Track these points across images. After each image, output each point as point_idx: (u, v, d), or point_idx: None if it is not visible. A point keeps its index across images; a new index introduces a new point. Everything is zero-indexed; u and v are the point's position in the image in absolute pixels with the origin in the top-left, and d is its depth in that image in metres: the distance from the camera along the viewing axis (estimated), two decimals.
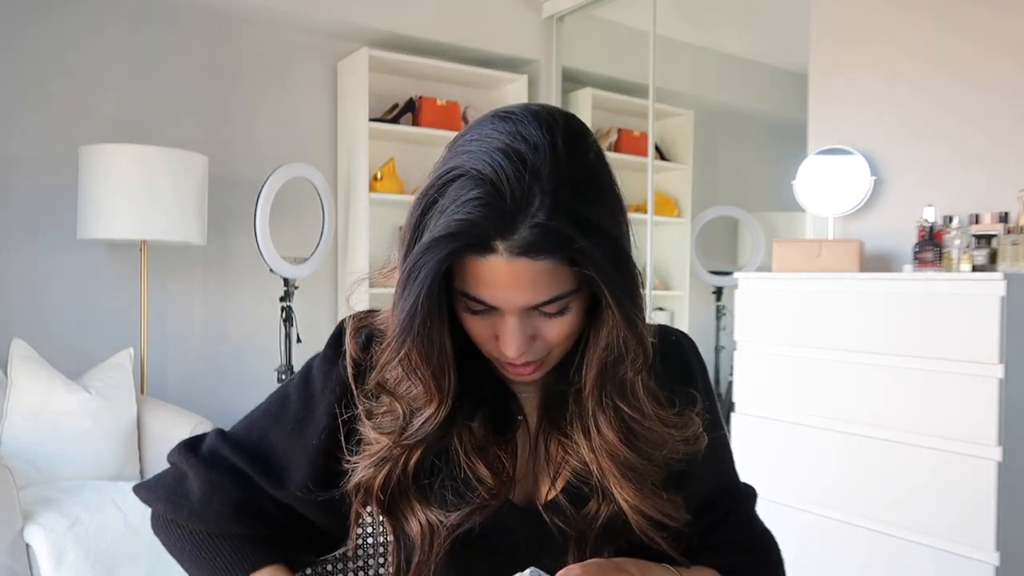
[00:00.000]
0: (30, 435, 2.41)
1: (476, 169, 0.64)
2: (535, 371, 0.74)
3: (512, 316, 0.69)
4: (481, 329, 0.71)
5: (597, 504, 0.76)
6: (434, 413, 0.72)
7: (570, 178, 0.65)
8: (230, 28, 3.29)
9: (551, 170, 0.64)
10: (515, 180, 0.63)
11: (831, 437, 2.08)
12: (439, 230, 0.64)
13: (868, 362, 2.01)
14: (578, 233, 0.64)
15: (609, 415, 0.73)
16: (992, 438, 1.78)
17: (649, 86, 3.43)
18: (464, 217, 0.63)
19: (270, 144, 3.38)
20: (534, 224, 0.63)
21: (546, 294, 0.67)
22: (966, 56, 2.27)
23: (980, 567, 1.79)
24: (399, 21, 3.40)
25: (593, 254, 0.64)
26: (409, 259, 0.66)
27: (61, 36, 2.93)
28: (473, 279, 0.67)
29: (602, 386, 0.73)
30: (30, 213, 2.88)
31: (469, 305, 0.70)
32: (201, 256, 3.24)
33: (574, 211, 0.64)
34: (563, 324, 0.70)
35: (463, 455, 0.75)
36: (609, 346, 0.70)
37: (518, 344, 0.69)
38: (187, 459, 0.83)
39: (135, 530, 2.21)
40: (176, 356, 3.20)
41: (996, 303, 1.78)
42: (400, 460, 0.74)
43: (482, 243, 0.64)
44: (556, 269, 0.65)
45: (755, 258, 3.49)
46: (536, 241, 0.63)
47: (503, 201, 0.63)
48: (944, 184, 2.30)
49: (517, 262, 0.64)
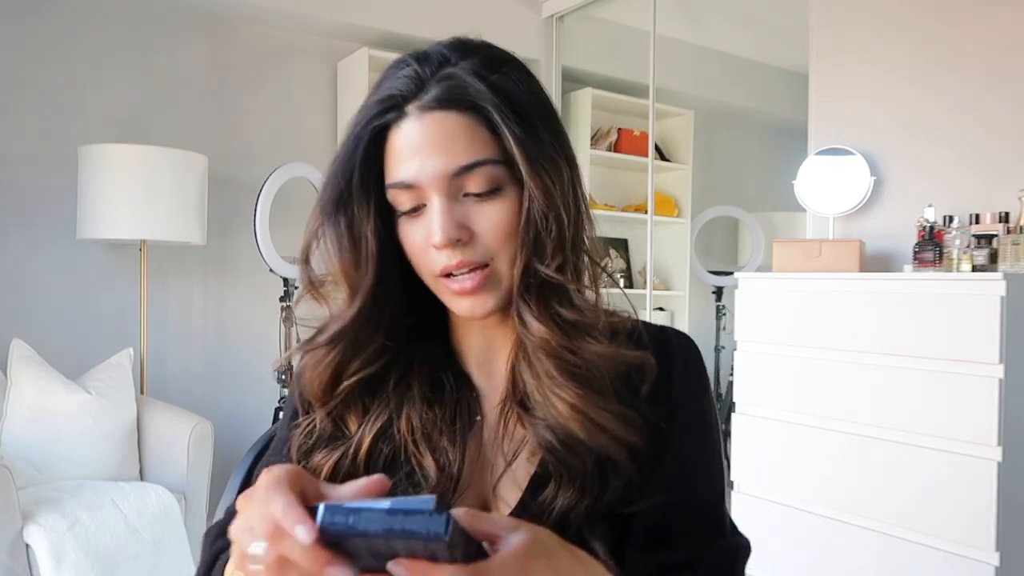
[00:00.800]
0: (30, 435, 2.41)
1: (389, 66, 0.70)
2: (478, 285, 0.67)
3: (435, 195, 0.66)
4: (416, 236, 0.68)
5: (555, 489, 0.66)
6: (347, 311, 0.70)
7: (486, 55, 0.69)
8: (230, 28, 3.29)
9: (462, 48, 0.69)
10: (424, 56, 0.68)
11: (831, 437, 2.08)
12: (356, 118, 0.68)
13: (868, 362, 2.01)
14: (488, 92, 0.65)
15: (541, 308, 0.68)
16: (992, 438, 1.78)
17: (649, 86, 3.42)
18: (378, 97, 0.67)
19: (270, 144, 3.38)
20: (440, 77, 0.66)
21: (463, 157, 0.65)
22: (966, 56, 2.27)
23: (980, 567, 1.79)
24: (399, 21, 3.40)
25: (505, 113, 0.65)
26: (335, 158, 0.69)
27: (61, 36, 2.93)
28: (393, 158, 0.67)
29: (527, 269, 0.67)
30: (30, 213, 2.88)
31: (399, 203, 0.68)
32: (201, 256, 3.24)
33: (485, 73, 0.66)
34: (495, 211, 0.66)
35: (410, 442, 0.70)
36: (529, 221, 0.66)
37: (444, 226, 0.65)
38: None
39: (135, 530, 2.21)
40: (176, 356, 3.20)
41: (996, 303, 1.77)
42: (351, 448, 0.70)
43: (395, 109, 0.66)
44: (471, 130, 0.65)
45: (755, 258, 3.49)
46: (443, 92, 0.65)
47: (413, 72, 0.67)
48: (944, 184, 2.30)
49: (426, 118, 0.65)
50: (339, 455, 0.70)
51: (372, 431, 0.71)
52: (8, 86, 2.84)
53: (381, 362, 0.72)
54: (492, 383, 0.76)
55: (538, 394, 0.69)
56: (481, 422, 0.74)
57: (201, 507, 2.56)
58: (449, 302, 0.71)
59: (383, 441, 0.71)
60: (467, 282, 0.67)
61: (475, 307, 0.69)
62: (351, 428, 0.72)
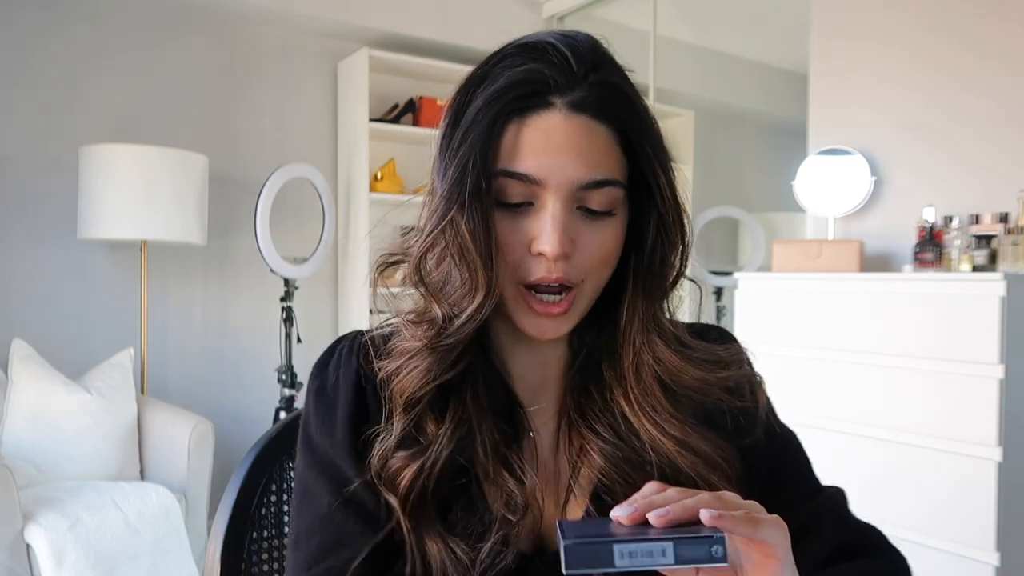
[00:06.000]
0: (30, 435, 2.41)
1: (530, 42, 0.62)
2: (565, 311, 0.64)
3: (556, 200, 0.61)
4: (512, 235, 0.62)
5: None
6: (480, 305, 0.62)
7: (619, 68, 0.65)
8: (230, 28, 3.29)
9: (604, 54, 0.64)
10: (574, 48, 0.62)
11: (831, 437, 2.08)
12: (493, 87, 0.60)
13: (868, 362, 2.01)
14: (637, 112, 0.63)
15: (655, 334, 0.67)
16: (992, 438, 1.78)
17: (649, 86, 3.43)
18: (522, 69, 0.60)
19: (270, 144, 3.38)
20: (596, 81, 0.61)
21: (599, 172, 0.61)
22: (966, 56, 2.27)
23: (980, 567, 1.79)
24: (399, 21, 3.40)
25: (649, 131, 0.64)
26: (459, 127, 0.62)
27: (61, 36, 2.93)
28: (522, 146, 0.60)
29: (649, 298, 0.67)
30: (30, 213, 2.88)
31: (507, 194, 0.62)
32: (201, 256, 3.24)
33: (631, 92, 0.63)
34: (606, 232, 0.63)
35: (483, 455, 0.65)
36: (655, 247, 0.66)
37: (560, 235, 0.60)
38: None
39: (135, 530, 2.22)
40: (176, 356, 3.20)
41: (996, 303, 1.78)
42: (429, 460, 0.65)
43: (539, 94, 0.60)
44: (610, 145, 0.62)
45: (755, 258, 3.49)
46: (598, 98, 0.61)
47: (564, 61, 0.61)
48: (944, 184, 2.30)
49: (575, 119, 0.60)
50: (418, 467, 0.64)
51: (452, 443, 0.65)
52: (8, 86, 2.84)
53: (464, 363, 0.67)
54: (536, 398, 0.72)
55: (624, 419, 0.68)
56: (535, 438, 0.70)
57: (201, 507, 2.56)
58: (521, 316, 0.65)
59: (458, 454, 0.66)
60: (553, 307, 0.64)
61: (548, 330, 0.65)
62: (428, 434, 0.66)
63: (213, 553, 0.86)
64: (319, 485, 0.68)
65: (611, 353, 0.70)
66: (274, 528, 0.91)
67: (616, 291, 0.69)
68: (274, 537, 0.91)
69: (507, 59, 0.62)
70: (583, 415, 0.69)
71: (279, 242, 3.05)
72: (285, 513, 0.91)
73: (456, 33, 3.53)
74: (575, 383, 0.70)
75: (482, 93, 0.61)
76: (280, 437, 0.92)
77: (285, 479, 0.92)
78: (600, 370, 0.70)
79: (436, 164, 0.64)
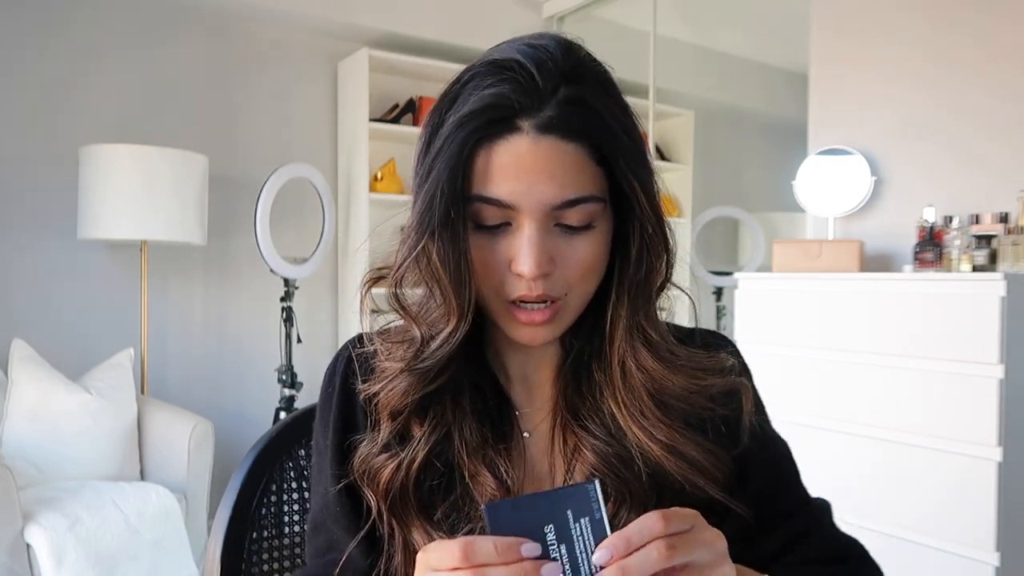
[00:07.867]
0: (30, 435, 2.41)
1: (497, 59, 0.61)
2: (550, 319, 0.65)
3: (531, 221, 0.61)
4: (491, 255, 0.64)
5: (615, 504, 0.67)
6: (454, 330, 0.64)
7: (594, 73, 0.63)
8: (230, 28, 3.29)
9: (576, 63, 0.62)
10: (541, 63, 0.61)
11: (831, 437, 2.08)
12: (460, 113, 0.60)
13: (868, 362, 2.02)
14: (609, 126, 0.61)
15: (640, 342, 0.68)
16: (992, 438, 1.78)
17: (649, 86, 3.43)
18: (487, 93, 0.60)
19: (270, 144, 3.38)
20: (563, 99, 0.60)
21: (572, 191, 0.61)
22: (966, 56, 2.27)
23: (980, 567, 1.79)
24: (399, 21, 3.40)
25: (622, 143, 0.62)
26: (428, 154, 0.62)
27: (61, 36, 2.93)
28: (492, 172, 0.60)
29: (634, 306, 0.67)
30: (30, 213, 2.88)
31: (482, 216, 0.62)
32: (201, 256, 3.24)
33: (607, 101, 0.62)
34: (586, 246, 0.64)
35: (465, 456, 0.69)
36: (640, 256, 0.66)
37: (536, 256, 0.61)
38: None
39: (135, 530, 2.22)
40: (176, 356, 3.20)
41: (996, 303, 1.78)
42: (405, 460, 0.69)
43: (506, 119, 0.60)
44: (582, 162, 0.61)
45: (755, 258, 3.49)
46: (565, 117, 0.60)
47: (530, 80, 0.60)
48: (944, 184, 2.30)
49: (543, 142, 0.60)
50: (395, 466, 0.68)
51: (428, 444, 0.69)
52: (8, 86, 2.84)
53: (444, 377, 0.69)
54: (531, 398, 0.74)
55: (614, 419, 0.69)
56: (527, 438, 0.72)
57: (201, 507, 2.56)
58: (509, 327, 0.67)
59: (436, 455, 0.69)
60: (536, 315, 0.65)
61: (536, 337, 0.66)
62: (414, 438, 0.70)
63: (213, 553, 0.86)
64: (319, 484, 0.76)
65: (600, 358, 0.71)
66: (274, 528, 0.91)
67: (606, 297, 0.69)
68: (274, 537, 0.91)
69: (476, 78, 0.62)
70: (576, 415, 0.70)
71: (279, 242, 3.05)
72: (285, 513, 0.91)
73: (456, 33, 3.53)
74: (567, 384, 0.72)
75: (452, 116, 0.61)
76: (280, 437, 0.92)
77: (285, 479, 0.92)
78: (591, 371, 0.71)
79: (414, 185, 0.66)
